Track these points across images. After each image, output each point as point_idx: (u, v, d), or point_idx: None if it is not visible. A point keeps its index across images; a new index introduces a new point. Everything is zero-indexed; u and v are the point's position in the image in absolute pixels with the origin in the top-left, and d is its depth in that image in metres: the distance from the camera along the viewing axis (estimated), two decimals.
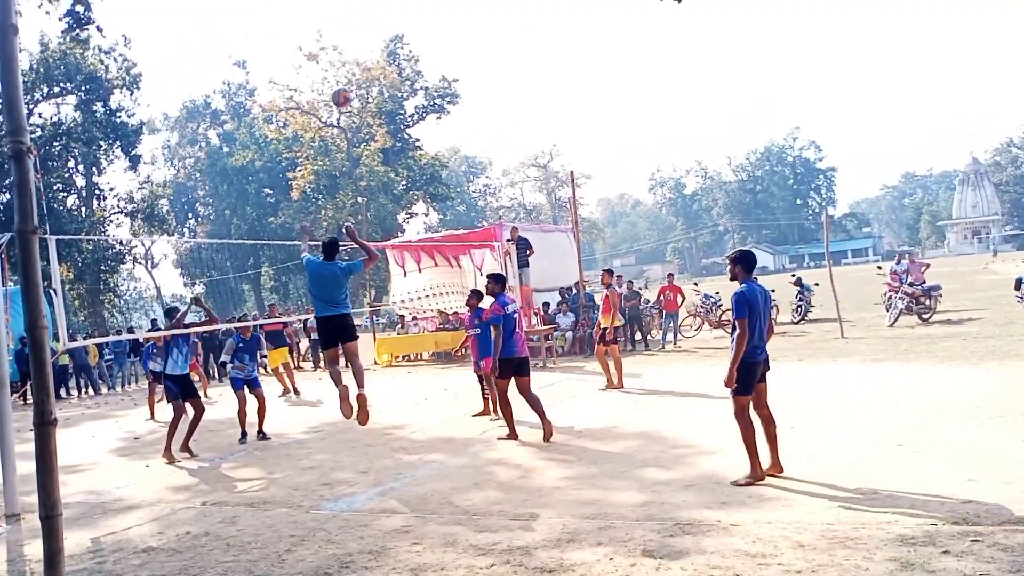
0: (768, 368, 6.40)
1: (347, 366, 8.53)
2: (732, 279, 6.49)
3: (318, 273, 8.42)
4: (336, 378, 8.31)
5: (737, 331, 6.11)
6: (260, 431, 10.80)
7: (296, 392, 15.85)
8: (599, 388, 12.22)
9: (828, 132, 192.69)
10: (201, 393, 14.08)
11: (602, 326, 12.48)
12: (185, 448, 9.93)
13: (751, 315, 6.14)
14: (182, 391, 10.01)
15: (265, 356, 13.02)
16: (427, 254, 21.81)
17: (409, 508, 6.33)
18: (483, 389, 10.84)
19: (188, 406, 10.02)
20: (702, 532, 5.02)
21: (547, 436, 8.60)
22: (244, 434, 10.67)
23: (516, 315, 9.40)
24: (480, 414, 10.78)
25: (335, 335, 8.42)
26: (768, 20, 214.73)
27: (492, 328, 8.98)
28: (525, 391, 8.81)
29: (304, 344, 24.59)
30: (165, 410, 14.64)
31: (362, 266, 8.92)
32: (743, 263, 6.38)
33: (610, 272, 13.23)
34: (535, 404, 8.75)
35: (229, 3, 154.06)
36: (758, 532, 4.91)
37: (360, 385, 8.20)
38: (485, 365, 10.23)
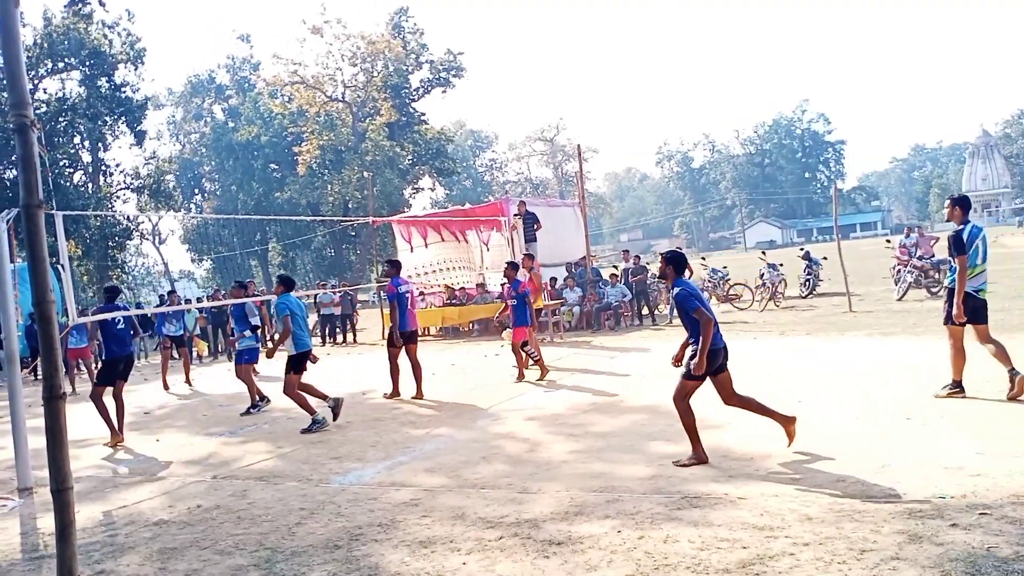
0: (727, 356, 6.34)
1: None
2: (661, 277, 6.53)
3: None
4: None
5: (702, 321, 6.00)
6: (259, 400, 11.19)
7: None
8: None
9: (837, 104, 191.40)
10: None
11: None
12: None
13: (705, 304, 6.15)
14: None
15: (258, 327, 12.83)
16: (434, 229, 21.79)
17: (418, 482, 6.36)
18: (517, 356, 11.38)
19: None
20: (710, 505, 5.04)
21: (418, 396, 10.54)
22: (255, 403, 11.06)
23: (408, 295, 10.81)
24: (518, 380, 11.27)
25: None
26: None
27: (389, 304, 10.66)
28: (412, 355, 10.67)
29: (312, 319, 24.65)
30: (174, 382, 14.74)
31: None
32: (675, 264, 6.39)
33: (530, 257, 13.90)
34: (417, 369, 10.64)
35: None
36: (766, 505, 4.92)
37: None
38: (514, 334, 11.30)
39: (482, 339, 18.72)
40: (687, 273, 6.75)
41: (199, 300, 25.71)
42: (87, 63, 40.57)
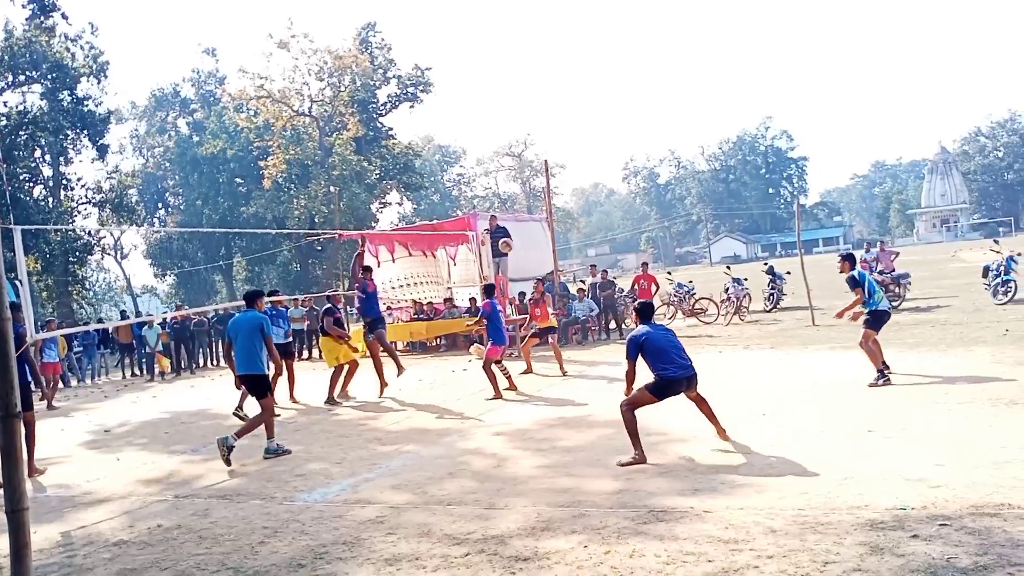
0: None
1: None
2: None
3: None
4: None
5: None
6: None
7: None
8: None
9: (800, 121, 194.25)
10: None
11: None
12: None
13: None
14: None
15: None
16: (401, 244, 21.71)
17: (384, 499, 6.31)
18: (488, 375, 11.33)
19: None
20: (675, 519, 5.06)
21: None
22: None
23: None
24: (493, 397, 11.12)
25: None
26: (740, 9, 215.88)
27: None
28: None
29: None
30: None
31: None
32: (641, 313, 7.29)
33: (541, 281, 14.38)
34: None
35: None
36: (730, 518, 4.95)
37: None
38: (491, 350, 11.31)
39: (449, 354, 18.66)
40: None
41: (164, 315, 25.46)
42: (49, 76, 39.98)
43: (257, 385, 8.59)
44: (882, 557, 4.09)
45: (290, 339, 14.06)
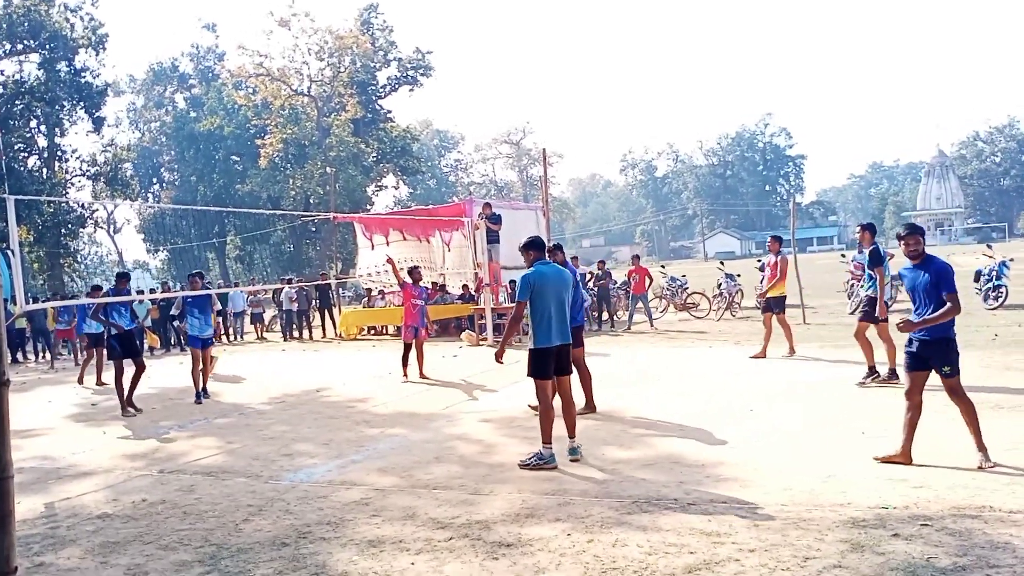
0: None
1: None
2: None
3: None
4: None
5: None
6: (202, 389, 11.27)
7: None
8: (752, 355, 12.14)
9: (799, 119, 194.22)
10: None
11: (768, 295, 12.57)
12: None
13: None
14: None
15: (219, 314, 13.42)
16: (396, 228, 21.67)
17: (369, 481, 6.32)
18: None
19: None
20: (659, 510, 5.08)
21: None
22: (198, 393, 11.14)
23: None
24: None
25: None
26: (744, 4, 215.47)
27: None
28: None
29: (269, 314, 24.47)
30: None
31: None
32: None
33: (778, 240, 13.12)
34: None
35: None
36: (714, 511, 4.98)
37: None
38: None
39: (440, 340, 18.65)
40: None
41: (152, 291, 25.36)
42: (47, 46, 39.67)
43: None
44: (863, 554, 4.11)
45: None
